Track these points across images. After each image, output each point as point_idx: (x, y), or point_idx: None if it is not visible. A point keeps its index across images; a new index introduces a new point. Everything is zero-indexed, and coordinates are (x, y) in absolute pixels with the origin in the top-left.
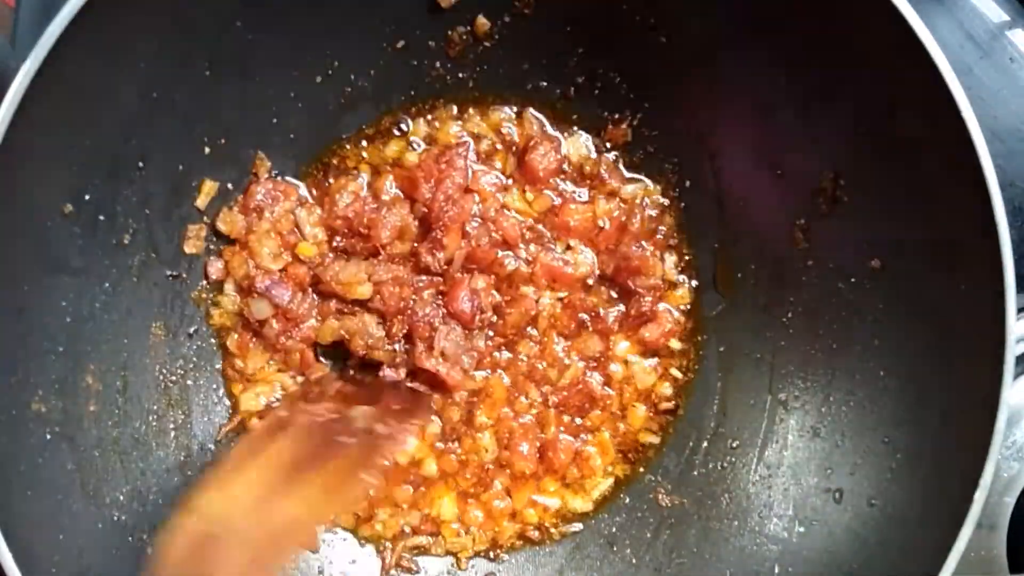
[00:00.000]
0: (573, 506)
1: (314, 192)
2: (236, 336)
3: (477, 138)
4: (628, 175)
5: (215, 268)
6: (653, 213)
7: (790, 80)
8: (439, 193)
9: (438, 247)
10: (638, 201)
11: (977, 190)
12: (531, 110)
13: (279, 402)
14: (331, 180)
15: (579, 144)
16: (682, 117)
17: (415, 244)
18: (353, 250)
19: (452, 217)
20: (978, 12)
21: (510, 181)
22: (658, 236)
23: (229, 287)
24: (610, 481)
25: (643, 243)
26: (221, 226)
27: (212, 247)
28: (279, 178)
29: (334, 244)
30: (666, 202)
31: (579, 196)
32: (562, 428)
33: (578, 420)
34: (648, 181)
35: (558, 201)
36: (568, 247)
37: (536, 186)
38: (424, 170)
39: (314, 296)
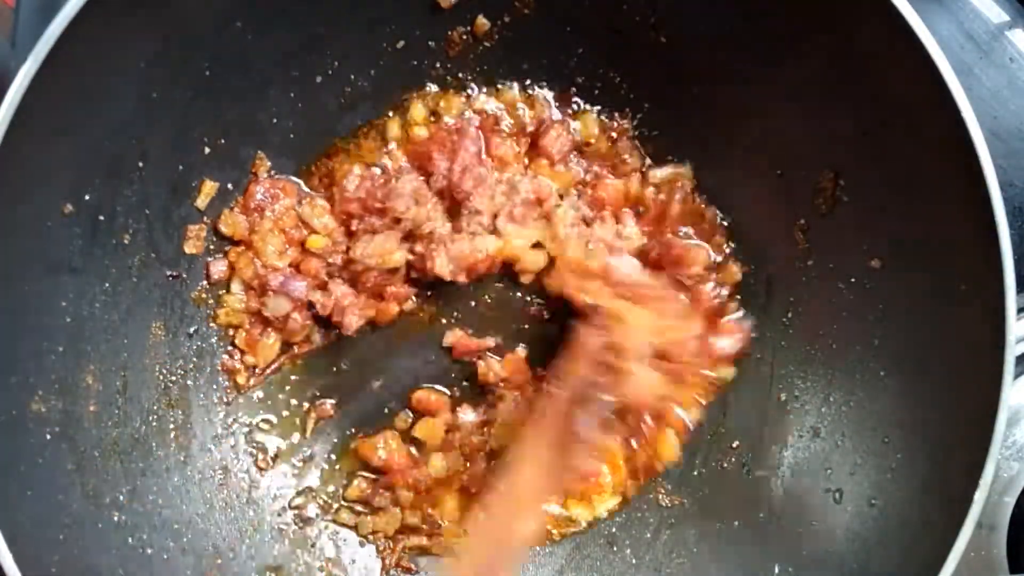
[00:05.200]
0: (574, 514)
1: (320, 186)
2: (244, 333)
3: (488, 115)
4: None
5: (217, 269)
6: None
7: (790, 80)
8: (455, 165)
9: (474, 212)
10: (679, 184)
11: (977, 190)
12: (539, 91)
13: None
14: (335, 167)
15: (591, 122)
16: (682, 117)
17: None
18: (374, 229)
19: (474, 184)
20: (978, 12)
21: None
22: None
23: (236, 287)
24: (616, 500)
25: (687, 230)
26: (223, 228)
27: (213, 247)
28: (277, 176)
29: (353, 228)
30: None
31: (608, 173)
32: None
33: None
34: (687, 166)
35: (586, 176)
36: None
37: (554, 167)
38: (437, 142)
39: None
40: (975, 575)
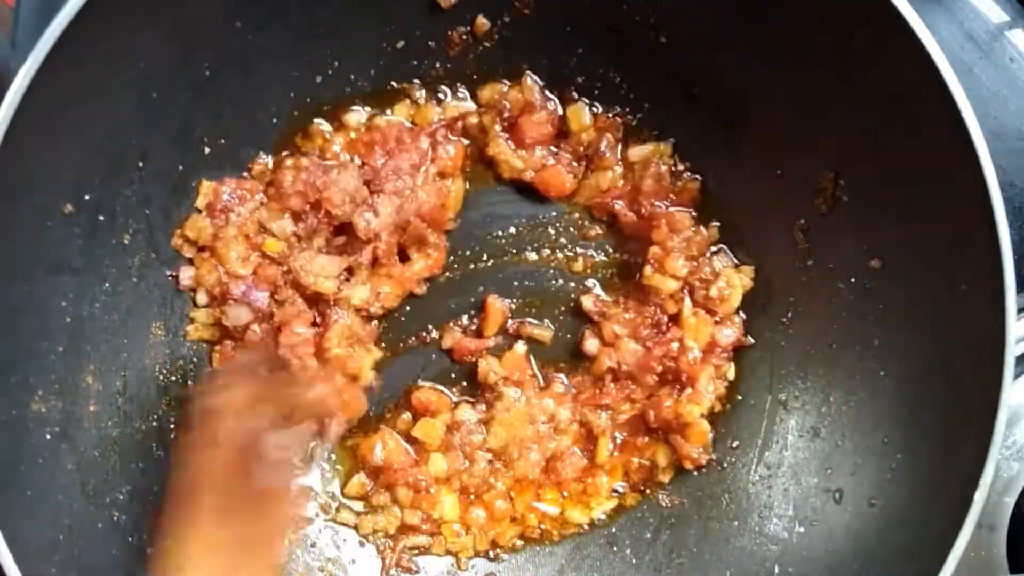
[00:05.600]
0: (571, 516)
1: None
2: (218, 352)
3: (462, 118)
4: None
5: (186, 276)
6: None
7: (790, 80)
8: (392, 162)
9: (373, 211)
10: (655, 160)
11: (977, 190)
12: (529, 76)
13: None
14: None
15: (581, 114)
16: (682, 117)
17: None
18: (319, 228)
19: (394, 189)
20: (978, 12)
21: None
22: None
23: (201, 297)
24: (613, 503)
25: (662, 203)
26: (188, 233)
27: (184, 254)
28: (243, 176)
29: (299, 230)
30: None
31: (575, 165)
32: (577, 448)
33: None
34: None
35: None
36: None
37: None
38: (385, 135)
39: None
40: (975, 575)
